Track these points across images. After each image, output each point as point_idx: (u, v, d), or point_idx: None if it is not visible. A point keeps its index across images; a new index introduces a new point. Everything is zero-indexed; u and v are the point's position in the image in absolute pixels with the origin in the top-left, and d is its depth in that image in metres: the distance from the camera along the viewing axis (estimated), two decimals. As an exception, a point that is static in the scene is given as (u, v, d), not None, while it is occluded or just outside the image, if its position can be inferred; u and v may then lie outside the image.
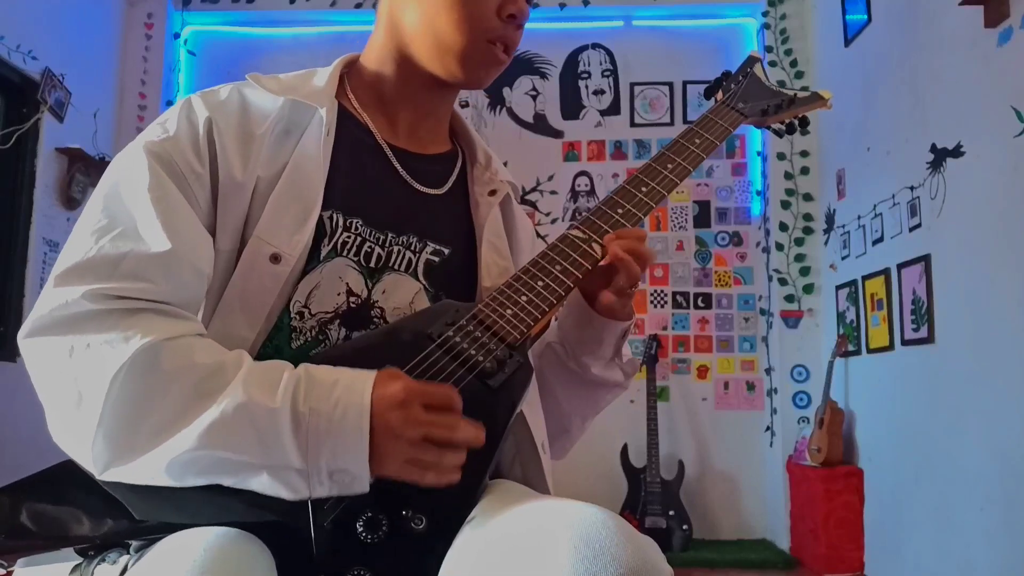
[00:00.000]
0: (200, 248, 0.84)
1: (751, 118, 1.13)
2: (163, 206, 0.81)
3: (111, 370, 0.73)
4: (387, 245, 0.95)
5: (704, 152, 1.05)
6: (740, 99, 1.14)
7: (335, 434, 0.73)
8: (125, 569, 0.76)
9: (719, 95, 1.17)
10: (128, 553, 0.76)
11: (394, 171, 0.98)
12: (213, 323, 0.85)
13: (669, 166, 1.03)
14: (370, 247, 0.94)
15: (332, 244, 0.91)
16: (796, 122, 1.18)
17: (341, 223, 0.92)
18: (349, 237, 0.92)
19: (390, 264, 0.95)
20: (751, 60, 1.21)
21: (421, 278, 0.96)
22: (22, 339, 0.78)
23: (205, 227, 0.86)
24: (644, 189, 1.01)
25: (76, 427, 0.75)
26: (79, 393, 0.74)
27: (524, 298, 0.90)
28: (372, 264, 0.94)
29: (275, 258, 0.87)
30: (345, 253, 0.92)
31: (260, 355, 0.86)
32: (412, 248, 0.97)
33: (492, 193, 1.05)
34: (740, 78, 1.18)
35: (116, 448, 0.73)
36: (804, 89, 1.19)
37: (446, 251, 0.99)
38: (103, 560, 0.76)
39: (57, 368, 0.76)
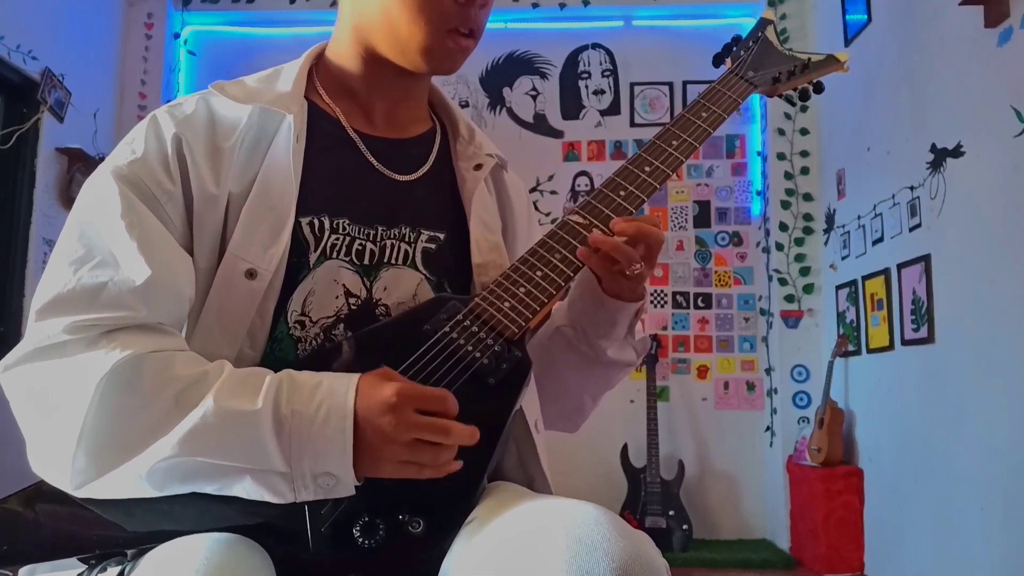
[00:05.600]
0: (179, 271, 0.82)
1: (761, 87, 1.06)
2: (138, 231, 0.80)
3: (92, 383, 0.72)
4: (379, 240, 0.93)
5: (711, 127, 0.99)
6: (750, 67, 1.06)
7: (318, 438, 0.72)
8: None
9: (728, 62, 1.09)
10: (127, 560, 0.76)
11: (368, 164, 0.96)
12: (193, 342, 0.84)
13: (674, 143, 0.97)
14: (361, 244, 0.91)
15: (320, 248, 0.89)
16: (810, 87, 1.11)
17: (328, 225, 0.90)
18: (338, 239, 0.90)
19: (385, 259, 0.93)
20: (763, 23, 1.13)
21: (421, 268, 0.94)
22: (1, 372, 0.77)
23: (182, 247, 0.84)
24: (647, 169, 0.95)
25: (56, 444, 0.73)
26: (60, 409, 0.73)
27: (522, 289, 0.87)
28: (366, 261, 0.92)
29: (250, 274, 0.84)
30: (335, 255, 0.90)
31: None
32: (407, 239, 0.94)
33: (478, 167, 1.01)
34: (751, 43, 1.10)
35: (96, 462, 0.72)
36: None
37: (441, 236, 0.96)
38: (104, 569, 0.76)
39: (37, 390, 0.76)
